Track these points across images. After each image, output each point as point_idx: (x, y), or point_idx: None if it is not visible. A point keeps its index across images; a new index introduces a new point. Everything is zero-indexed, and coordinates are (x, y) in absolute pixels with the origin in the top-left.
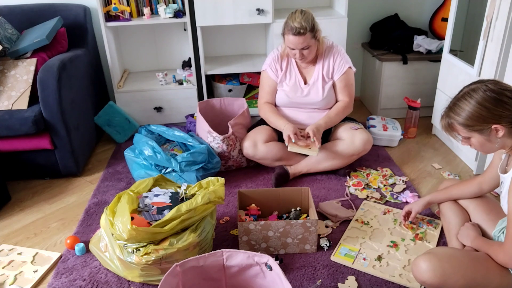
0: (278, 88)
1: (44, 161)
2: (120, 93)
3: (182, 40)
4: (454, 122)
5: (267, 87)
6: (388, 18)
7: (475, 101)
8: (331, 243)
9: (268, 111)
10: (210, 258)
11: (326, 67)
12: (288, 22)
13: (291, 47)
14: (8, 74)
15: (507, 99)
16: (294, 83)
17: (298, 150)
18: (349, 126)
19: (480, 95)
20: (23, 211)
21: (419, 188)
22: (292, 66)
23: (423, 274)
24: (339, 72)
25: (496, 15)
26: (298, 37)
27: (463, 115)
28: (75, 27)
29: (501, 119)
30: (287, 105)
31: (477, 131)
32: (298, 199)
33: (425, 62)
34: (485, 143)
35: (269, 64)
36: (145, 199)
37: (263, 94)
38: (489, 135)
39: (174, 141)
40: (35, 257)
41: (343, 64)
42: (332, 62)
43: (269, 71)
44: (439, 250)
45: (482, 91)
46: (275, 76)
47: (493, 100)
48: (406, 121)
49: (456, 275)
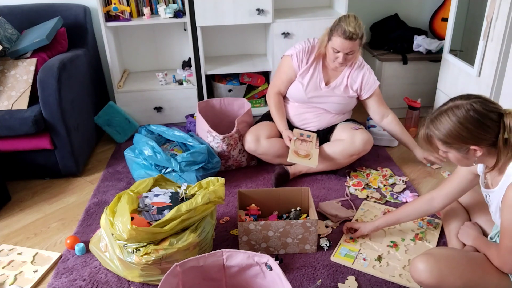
0: (297, 80)
1: (44, 161)
2: (120, 93)
3: (182, 40)
4: (433, 135)
5: (284, 75)
6: (388, 18)
7: (457, 120)
8: (331, 243)
9: (274, 105)
10: (210, 258)
11: (353, 78)
12: (341, 25)
13: (338, 49)
14: (8, 74)
15: (490, 122)
16: (315, 80)
17: (298, 161)
18: (349, 126)
19: (463, 114)
20: (23, 211)
21: (419, 188)
22: (318, 64)
23: (420, 274)
24: (371, 90)
25: (496, 15)
26: (348, 42)
27: (443, 131)
28: (75, 27)
29: (480, 142)
30: (299, 101)
31: (455, 149)
32: (298, 199)
33: (425, 62)
34: (462, 160)
35: (297, 52)
36: (145, 199)
37: (278, 82)
38: (467, 154)
39: (174, 141)
40: (35, 257)
41: (375, 83)
42: (362, 79)
43: (294, 59)
44: (437, 251)
45: (465, 110)
46: (298, 66)
47: (475, 121)
48: (406, 121)
49: (453, 276)
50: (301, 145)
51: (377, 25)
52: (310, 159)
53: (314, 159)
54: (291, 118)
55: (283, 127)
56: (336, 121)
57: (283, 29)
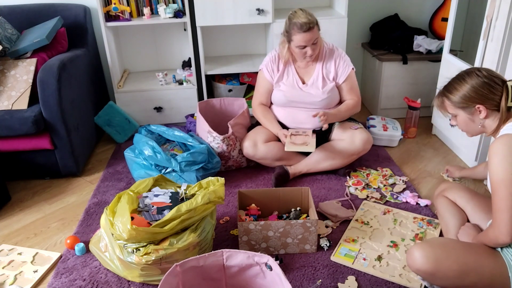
0: (275, 89)
1: (44, 161)
2: (120, 93)
3: (182, 40)
4: (445, 98)
5: (261, 88)
6: (388, 18)
7: (465, 81)
8: (331, 243)
9: (261, 114)
10: (210, 258)
11: (327, 68)
12: (294, 22)
13: (303, 44)
14: (8, 74)
15: (495, 84)
16: (292, 83)
17: (296, 149)
18: (349, 125)
19: (471, 77)
20: (23, 211)
21: (419, 188)
22: (290, 67)
23: (416, 261)
24: (344, 75)
25: (496, 15)
26: (308, 33)
27: (453, 91)
28: (75, 27)
29: (485, 101)
30: (286, 105)
31: (462, 108)
32: (298, 199)
33: (425, 62)
34: (468, 122)
35: (266, 64)
36: (145, 199)
37: (258, 94)
38: (473, 115)
39: (174, 141)
40: (35, 257)
41: (347, 67)
42: (334, 66)
43: (265, 71)
44: (432, 239)
45: (474, 74)
46: (271, 77)
47: (481, 82)
48: (406, 121)
49: (448, 260)
50: (298, 138)
51: (377, 25)
52: (307, 145)
53: (312, 145)
54: (284, 121)
55: (277, 129)
56: None
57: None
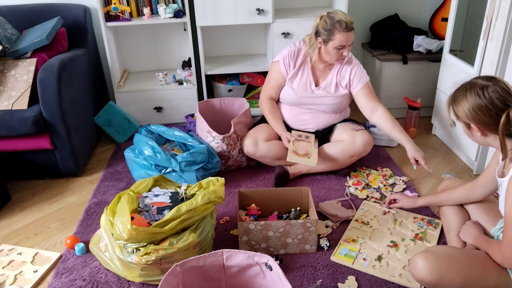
0: (286, 85)
1: (44, 161)
2: (120, 93)
3: (182, 40)
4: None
5: (273, 81)
6: (388, 18)
7: (465, 97)
8: (331, 243)
9: (268, 110)
10: (210, 258)
11: (341, 75)
12: (338, 20)
13: (344, 44)
14: (8, 74)
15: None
16: (305, 83)
17: (297, 160)
18: (349, 127)
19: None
20: (23, 211)
21: (419, 188)
22: (306, 66)
23: (420, 272)
24: (361, 83)
25: (496, 15)
26: (351, 33)
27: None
28: (75, 27)
29: (479, 122)
30: (293, 104)
31: (459, 120)
32: (298, 199)
33: (425, 62)
34: (468, 133)
35: (283, 58)
36: (145, 199)
37: (268, 88)
38: (470, 130)
39: (174, 141)
40: (35, 257)
41: (364, 77)
42: (349, 74)
43: (281, 65)
44: (436, 249)
45: (475, 93)
46: (285, 71)
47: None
48: (406, 121)
49: (452, 273)
50: (300, 145)
51: (377, 25)
52: (309, 157)
53: (314, 158)
54: (287, 120)
55: (281, 130)
56: (334, 120)
57: (283, 29)
